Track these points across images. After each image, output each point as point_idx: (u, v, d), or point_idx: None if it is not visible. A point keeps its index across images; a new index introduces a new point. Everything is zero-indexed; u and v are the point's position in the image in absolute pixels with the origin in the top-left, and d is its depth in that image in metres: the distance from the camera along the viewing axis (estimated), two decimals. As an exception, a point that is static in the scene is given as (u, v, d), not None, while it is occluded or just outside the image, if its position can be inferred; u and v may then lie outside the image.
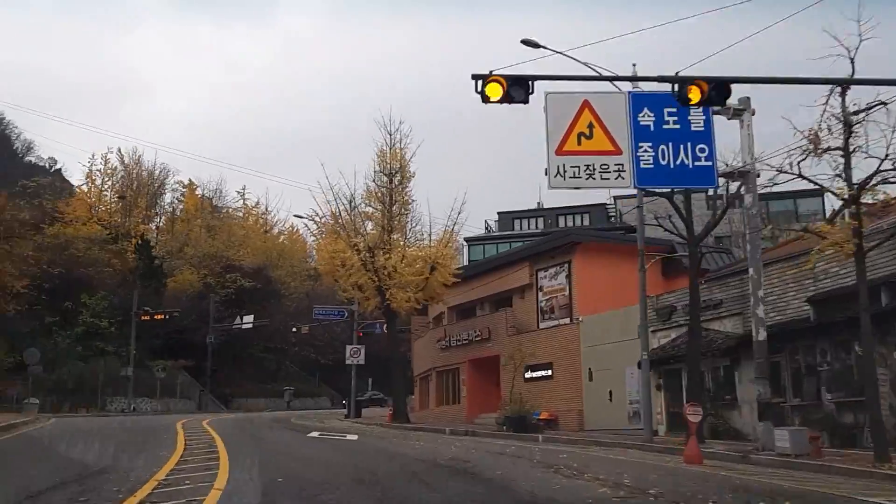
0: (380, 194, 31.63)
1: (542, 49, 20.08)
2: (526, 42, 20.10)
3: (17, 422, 29.09)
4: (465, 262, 51.33)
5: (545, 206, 62.21)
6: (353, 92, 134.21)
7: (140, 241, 59.40)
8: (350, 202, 31.96)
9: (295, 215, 34.24)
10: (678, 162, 16.07)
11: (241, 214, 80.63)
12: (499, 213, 65.44)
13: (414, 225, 31.88)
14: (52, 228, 53.29)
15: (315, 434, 22.52)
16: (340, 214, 32.19)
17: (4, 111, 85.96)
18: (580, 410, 27.02)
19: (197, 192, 79.43)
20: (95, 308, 48.38)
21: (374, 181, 31.81)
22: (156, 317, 47.76)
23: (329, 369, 70.94)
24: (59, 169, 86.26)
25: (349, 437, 21.67)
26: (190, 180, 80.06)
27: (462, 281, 32.31)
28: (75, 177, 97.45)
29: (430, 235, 31.76)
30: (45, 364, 49.21)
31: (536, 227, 59.73)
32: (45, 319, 46.56)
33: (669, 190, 19.31)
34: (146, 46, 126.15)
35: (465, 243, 58.60)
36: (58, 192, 65.44)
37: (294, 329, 53.60)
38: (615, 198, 54.67)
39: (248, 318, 54.02)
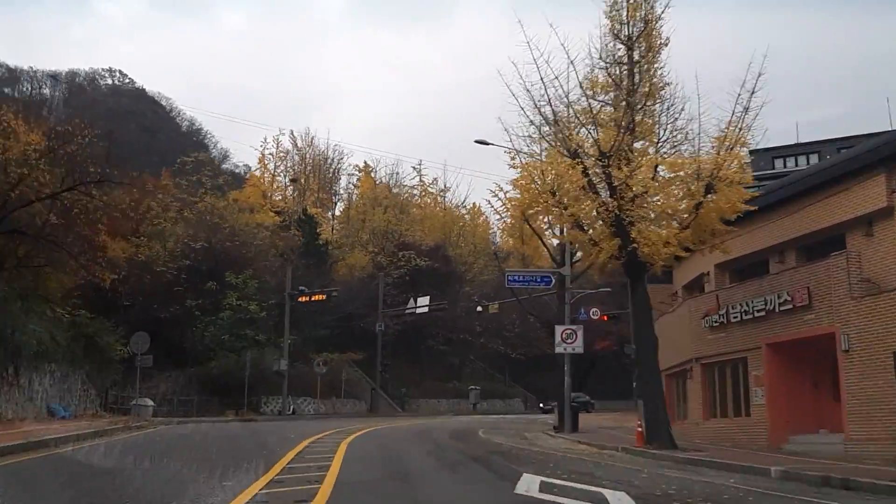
0: (613, 78, 19.52)
1: None
2: None
3: (109, 428, 20.32)
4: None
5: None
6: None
7: (303, 216, 51.26)
8: (564, 100, 19.90)
9: (476, 141, 24.57)
10: None
11: (417, 193, 71.38)
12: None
13: (670, 121, 19.41)
14: (203, 203, 46.07)
15: (530, 482, 10.73)
16: (549, 119, 20.18)
17: (203, 121, 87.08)
18: None
19: (372, 175, 71.24)
20: (244, 289, 39.97)
21: (601, 58, 19.75)
22: (314, 298, 38.60)
23: (520, 366, 59.54)
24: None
25: (607, 493, 9.76)
26: (365, 163, 72.22)
27: (744, 218, 19.51)
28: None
29: (697, 140, 19.20)
30: (189, 357, 42.07)
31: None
32: (185, 302, 38.65)
33: None
34: (331, 57, 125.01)
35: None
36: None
37: (479, 309, 42.34)
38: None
39: (424, 301, 43.77)
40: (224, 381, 38.97)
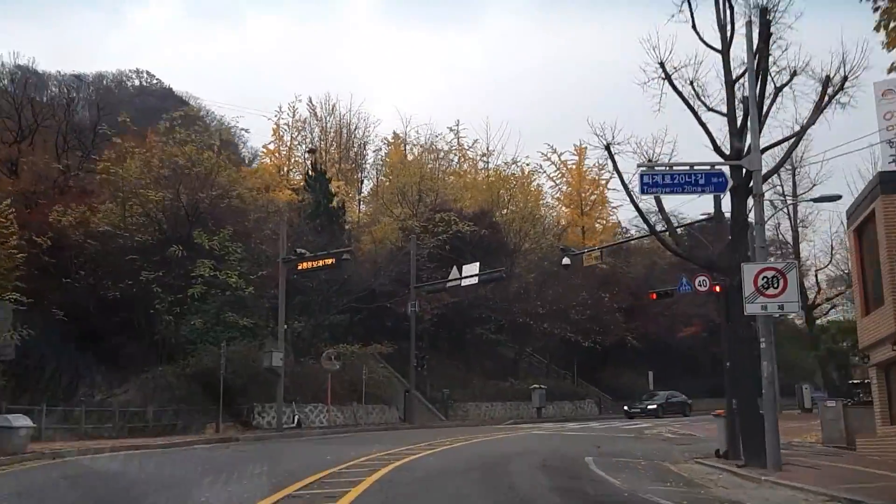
0: None
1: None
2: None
3: None
4: None
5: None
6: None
7: (312, 171, 40.32)
8: None
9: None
10: None
11: (455, 158, 59.66)
12: None
13: None
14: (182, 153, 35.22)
15: None
16: None
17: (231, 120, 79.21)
18: None
19: (403, 148, 59.56)
20: (225, 256, 29.12)
21: None
22: (318, 263, 27.30)
23: (590, 358, 47.92)
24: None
25: None
26: (395, 133, 60.62)
27: None
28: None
29: None
30: (163, 352, 31.52)
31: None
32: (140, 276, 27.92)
33: None
34: (363, 55, 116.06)
35: None
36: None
37: (566, 262, 29.15)
38: None
39: (471, 269, 32.20)
40: (207, 385, 28.23)
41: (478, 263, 32.54)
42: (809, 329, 47.57)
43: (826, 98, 14.55)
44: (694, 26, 15.36)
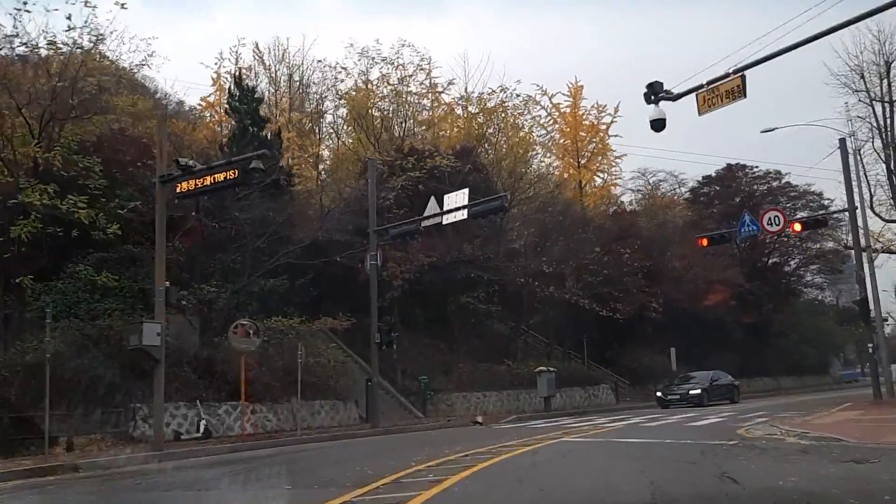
0: None
1: None
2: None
3: None
4: None
5: None
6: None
7: (236, 84, 29.90)
8: None
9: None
10: None
11: (427, 103, 48.71)
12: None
13: None
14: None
15: None
16: None
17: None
18: None
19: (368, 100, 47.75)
20: (75, 177, 18.81)
21: None
22: (207, 180, 16.65)
23: (599, 332, 38.25)
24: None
25: None
26: (356, 83, 48.56)
27: None
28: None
29: None
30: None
31: None
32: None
33: None
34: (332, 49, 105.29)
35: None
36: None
37: (657, 117, 18.13)
38: None
39: (457, 198, 21.77)
40: (63, 380, 18.16)
41: (466, 190, 22.47)
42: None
43: None
44: None
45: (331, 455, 15.43)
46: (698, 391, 30.34)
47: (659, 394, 31.87)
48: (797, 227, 24.13)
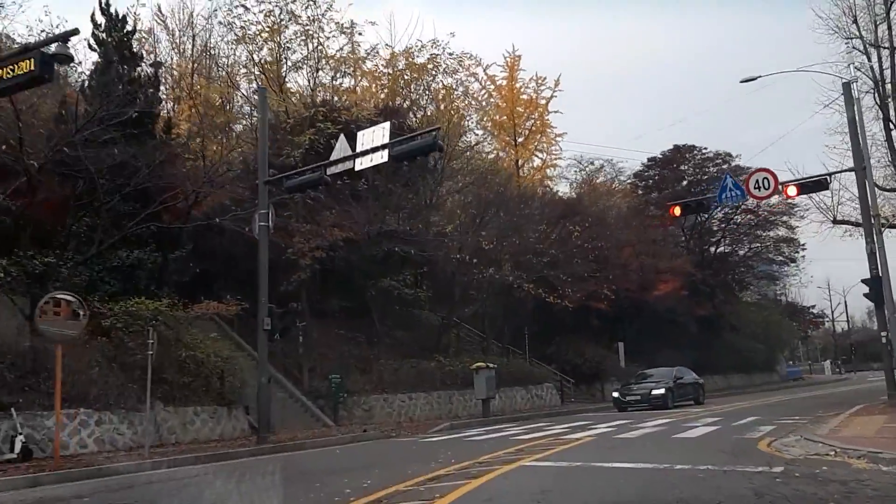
0: None
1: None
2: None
3: None
4: None
5: None
6: None
7: (101, 12, 23.75)
8: None
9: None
10: None
11: (348, 69, 42.85)
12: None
13: None
14: None
15: None
16: None
17: None
18: None
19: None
20: None
21: None
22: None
23: (540, 324, 33.56)
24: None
25: None
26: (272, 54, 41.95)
27: None
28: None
29: None
30: None
31: None
32: None
33: None
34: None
35: None
36: None
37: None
38: None
39: (375, 135, 16.39)
40: None
41: (387, 124, 17.20)
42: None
43: None
44: None
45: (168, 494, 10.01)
46: (662, 391, 25.86)
47: (616, 394, 27.31)
48: (791, 190, 19.80)
